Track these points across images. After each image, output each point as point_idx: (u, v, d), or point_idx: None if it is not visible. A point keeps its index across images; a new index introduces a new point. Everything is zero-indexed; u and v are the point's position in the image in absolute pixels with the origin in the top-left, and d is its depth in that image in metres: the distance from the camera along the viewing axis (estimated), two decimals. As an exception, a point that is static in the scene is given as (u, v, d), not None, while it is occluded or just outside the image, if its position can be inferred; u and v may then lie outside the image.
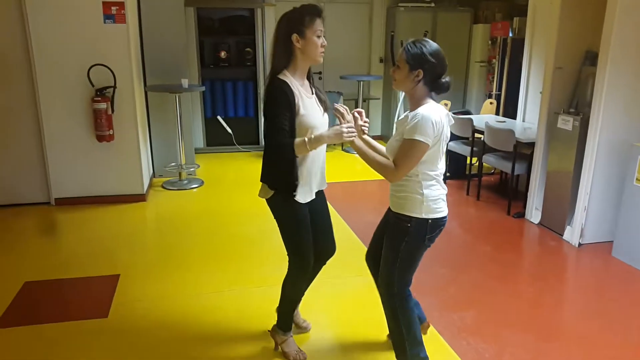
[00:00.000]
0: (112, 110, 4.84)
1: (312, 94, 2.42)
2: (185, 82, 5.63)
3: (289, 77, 2.30)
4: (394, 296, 2.43)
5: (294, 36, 2.26)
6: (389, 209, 2.43)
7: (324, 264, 2.69)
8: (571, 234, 4.29)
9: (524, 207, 4.93)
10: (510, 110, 6.49)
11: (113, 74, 4.78)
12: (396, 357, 2.52)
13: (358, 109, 2.40)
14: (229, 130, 7.47)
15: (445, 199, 2.34)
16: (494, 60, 7.05)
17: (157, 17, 5.72)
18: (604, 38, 3.84)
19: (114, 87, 4.81)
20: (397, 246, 2.35)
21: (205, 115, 7.53)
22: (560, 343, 2.92)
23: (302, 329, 2.92)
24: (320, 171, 2.50)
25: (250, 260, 3.92)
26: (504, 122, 5.68)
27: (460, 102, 8.04)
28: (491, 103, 6.80)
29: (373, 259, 2.62)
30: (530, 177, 4.85)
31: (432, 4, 7.67)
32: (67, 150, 4.94)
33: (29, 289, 3.44)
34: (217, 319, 3.08)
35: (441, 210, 2.30)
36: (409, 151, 2.16)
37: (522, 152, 4.97)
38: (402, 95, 6.67)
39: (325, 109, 2.46)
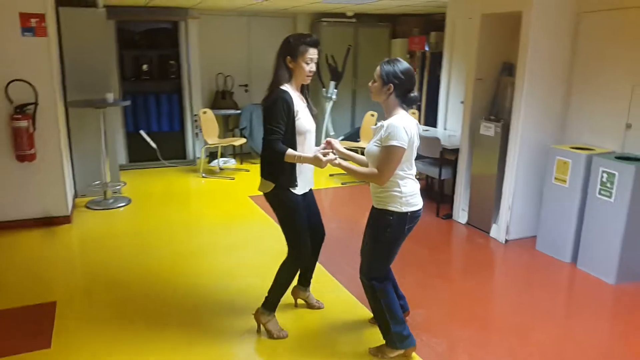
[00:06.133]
0: (34, 128, 4.55)
1: (305, 103, 2.85)
2: (110, 97, 5.40)
3: (288, 88, 2.73)
4: (374, 280, 2.74)
5: (288, 58, 2.71)
6: (372, 209, 2.72)
7: (320, 246, 3.12)
8: (497, 232, 4.62)
9: (452, 208, 5.24)
10: (430, 119, 6.85)
11: (34, 89, 4.50)
12: (383, 337, 2.81)
13: (327, 139, 2.78)
14: (154, 145, 7.24)
15: (419, 193, 2.68)
16: (413, 72, 7.40)
17: (78, 30, 5.45)
18: (521, 50, 4.21)
19: (36, 103, 4.53)
20: (380, 236, 2.68)
21: (127, 130, 7.27)
22: (500, 333, 3.16)
23: (317, 308, 3.32)
24: (310, 171, 2.92)
25: (186, 277, 3.83)
26: (428, 130, 6.00)
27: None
28: (413, 113, 7.14)
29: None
30: (455, 181, 5.17)
31: (354, 19, 7.95)
32: (-18, 171, 4.56)
33: (-47, 324, 3.15)
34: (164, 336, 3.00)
35: (417, 204, 2.65)
36: (389, 156, 2.50)
37: (447, 158, 5.29)
38: (329, 107, 6.87)
39: (314, 117, 2.89)
